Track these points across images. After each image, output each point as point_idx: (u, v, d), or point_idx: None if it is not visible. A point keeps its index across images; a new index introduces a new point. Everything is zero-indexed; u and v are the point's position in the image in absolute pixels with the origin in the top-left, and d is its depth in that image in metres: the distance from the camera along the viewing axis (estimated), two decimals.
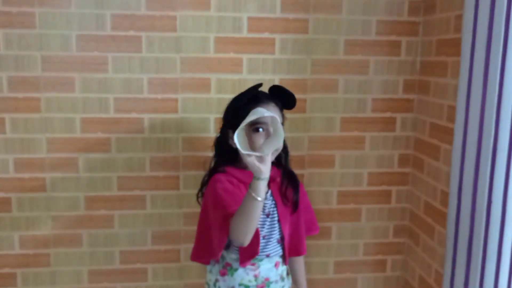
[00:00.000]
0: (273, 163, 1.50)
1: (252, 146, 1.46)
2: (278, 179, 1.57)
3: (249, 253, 1.47)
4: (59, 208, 1.93)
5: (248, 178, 1.48)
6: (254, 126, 1.45)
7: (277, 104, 1.50)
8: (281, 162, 1.57)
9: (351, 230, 2.12)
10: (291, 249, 1.62)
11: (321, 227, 2.09)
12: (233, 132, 1.50)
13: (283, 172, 1.58)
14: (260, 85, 1.53)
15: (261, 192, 1.30)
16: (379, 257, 2.16)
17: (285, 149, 1.60)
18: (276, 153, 1.45)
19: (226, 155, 1.55)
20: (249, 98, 1.49)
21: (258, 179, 1.29)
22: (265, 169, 1.28)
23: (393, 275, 2.19)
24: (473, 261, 1.57)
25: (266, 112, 1.30)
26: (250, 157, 1.27)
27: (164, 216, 1.99)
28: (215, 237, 1.49)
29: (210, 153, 1.66)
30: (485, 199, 1.51)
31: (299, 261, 1.72)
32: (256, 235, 1.40)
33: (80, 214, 1.95)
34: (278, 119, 1.32)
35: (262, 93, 1.54)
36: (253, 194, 1.29)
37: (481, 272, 1.54)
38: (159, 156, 1.94)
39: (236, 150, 1.49)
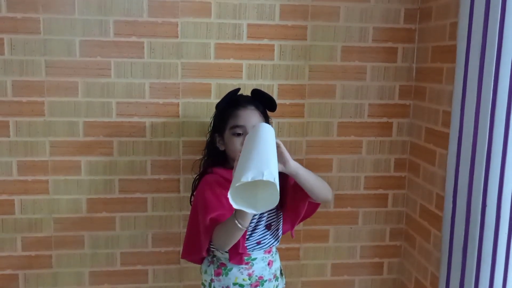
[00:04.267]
0: None
1: (232, 149, 1.51)
2: None
3: (235, 254, 1.53)
4: (61, 210, 1.96)
5: None
6: (233, 130, 1.52)
7: (257, 107, 1.57)
8: None
9: (348, 233, 2.14)
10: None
11: (319, 230, 2.12)
12: (219, 136, 1.59)
13: None
14: (238, 89, 1.61)
15: (246, 222, 1.36)
16: (376, 260, 2.19)
17: None
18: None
19: (215, 157, 1.61)
20: (229, 102, 1.55)
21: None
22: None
23: (390, 277, 2.21)
24: (468, 264, 1.59)
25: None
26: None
27: (165, 218, 2.02)
28: (200, 236, 1.54)
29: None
30: (480, 203, 1.53)
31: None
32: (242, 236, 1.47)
33: (82, 216, 1.98)
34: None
35: (243, 96, 1.61)
36: (237, 222, 1.35)
37: (476, 274, 1.56)
38: (160, 159, 1.97)
39: (224, 152, 1.56)
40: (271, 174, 1.22)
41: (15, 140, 1.90)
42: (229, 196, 1.21)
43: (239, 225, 1.35)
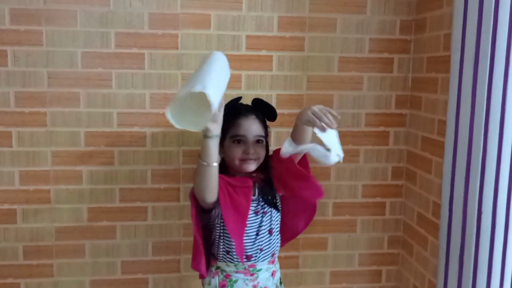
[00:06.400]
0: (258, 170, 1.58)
1: (231, 157, 1.54)
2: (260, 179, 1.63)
3: (238, 252, 1.53)
4: (63, 219, 1.98)
5: (238, 182, 1.55)
6: (234, 138, 1.53)
7: (258, 116, 1.58)
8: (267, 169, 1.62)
9: (347, 241, 2.16)
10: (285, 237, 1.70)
11: (318, 238, 2.13)
12: (219, 144, 1.56)
13: (263, 178, 1.63)
14: (239, 98, 1.62)
15: (210, 156, 1.36)
16: (374, 267, 2.20)
17: (267, 159, 1.64)
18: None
19: None
20: (229, 111, 1.55)
21: (206, 137, 1.34)
22: (214, 127, 1.34)
23: (388, 285, 2.23)
24: (464, 270, 1.60)
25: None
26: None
27: (165, 227, 2.03)
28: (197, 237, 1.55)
29: None
30: (476, 210, 1.54)
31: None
32: (239, 242, 1.49)
33: (83, 225, 1.99)
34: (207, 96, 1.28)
35: (244, 105, 1.62)
36: (201, 161, 1.36)
37: (473, 281, 1.57)
38: (160, 168, 1.99)
39: (223, 160, 1.57)
40: (202, 86, 1.26)
41: (18, 150, 1.92)
42: (167, 115, 1.26)
43: (203, 162, 1.36)
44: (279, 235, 1.66)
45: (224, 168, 1.60)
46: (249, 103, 1.67)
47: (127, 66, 1.92)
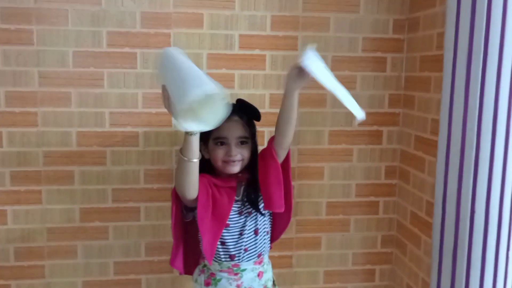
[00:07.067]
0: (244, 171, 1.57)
1: (215, 158, 1.53)
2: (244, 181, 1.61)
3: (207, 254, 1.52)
4: (54, 220, 1.96)
5: (222, 183, 1.55)
6: (216, 140, 1.53)
7: (241, 117, 1.56)
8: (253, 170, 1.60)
9: (340, 240, 2.16)
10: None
11: (311, 238, 2.13)
12: (204, 144, 1.57)
13: (248, 179, 1.61)
14: None
15: (192, 152, 1.36)
16: (368, 266, 2.21)
17: (254, 160, 1.62)
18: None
19: (201, 164, 1.56)
20: None
21: (189, 134, 1.34)
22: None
23: (382, 284, 2.23)
24: (458, 269, 1.60)
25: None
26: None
27: (158, 227, 2.02)
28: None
29: None
30: (469, 209, 1.55)
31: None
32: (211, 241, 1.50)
33: (75, 226, 1.98)
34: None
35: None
36: (182, 156, 1.36)
37: (466, 280, 1.57)
38: (153, 168, 1.98)
39: (209, 161, 1.56)
40: (215, 86, 1.25)
41: (8, 150, 1.90)
42: (176, 121, 1.27)
43: (183, 157, 1.36)
44: (268, 236, 1.65)
45: (211, 168, 1.60)
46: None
47: (119, 65, 1.91)
